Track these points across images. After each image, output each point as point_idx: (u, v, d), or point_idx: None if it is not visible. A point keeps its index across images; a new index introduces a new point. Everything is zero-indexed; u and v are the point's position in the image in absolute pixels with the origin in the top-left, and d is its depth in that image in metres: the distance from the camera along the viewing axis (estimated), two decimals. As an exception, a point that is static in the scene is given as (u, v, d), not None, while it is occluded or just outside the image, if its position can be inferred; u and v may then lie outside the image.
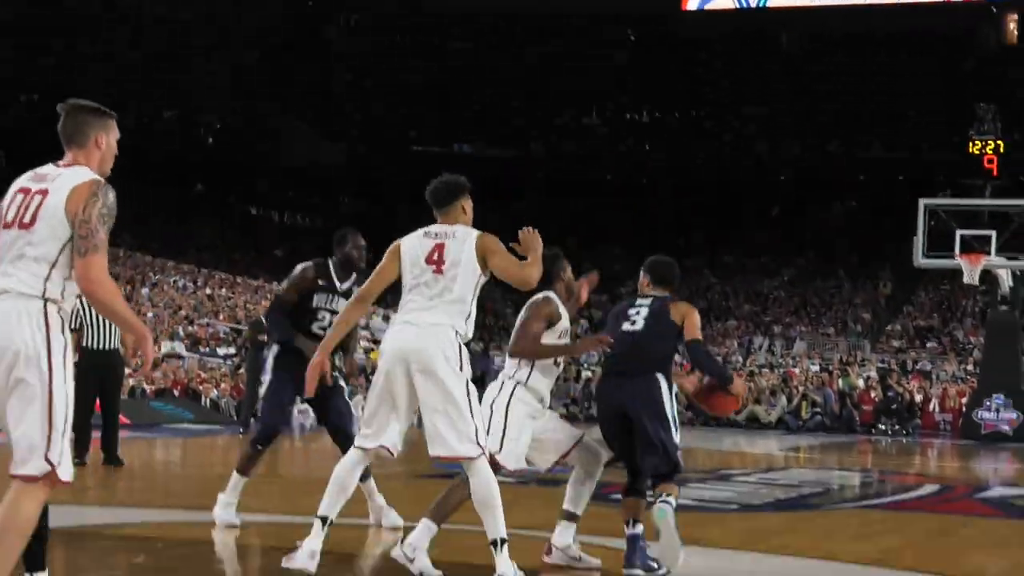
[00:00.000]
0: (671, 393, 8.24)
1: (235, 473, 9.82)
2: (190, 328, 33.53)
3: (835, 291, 56.59)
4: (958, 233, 30.57)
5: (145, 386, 27.59)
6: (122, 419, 24.83)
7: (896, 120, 61.64)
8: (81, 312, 14.75)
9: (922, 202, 31.53)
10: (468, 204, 7.69)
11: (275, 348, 10.21)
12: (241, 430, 23.49)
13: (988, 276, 30.94)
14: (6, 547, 5.46)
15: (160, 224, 59.25)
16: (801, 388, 32.86)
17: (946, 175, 49.10)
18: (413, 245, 7.56)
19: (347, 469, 7.56)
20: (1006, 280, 30.67)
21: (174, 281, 43.72)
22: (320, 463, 19.43)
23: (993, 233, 30.61)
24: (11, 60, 59.29)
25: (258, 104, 65.78)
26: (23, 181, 5.96)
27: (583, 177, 63.41)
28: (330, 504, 7.50)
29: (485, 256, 7.30)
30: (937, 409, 32.71)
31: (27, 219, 5.75)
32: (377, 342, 38.92)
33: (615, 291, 57.19)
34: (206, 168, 66.75)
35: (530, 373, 8.11)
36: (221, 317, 37.41)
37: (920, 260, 31.59)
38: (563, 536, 8.30)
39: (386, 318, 47.53)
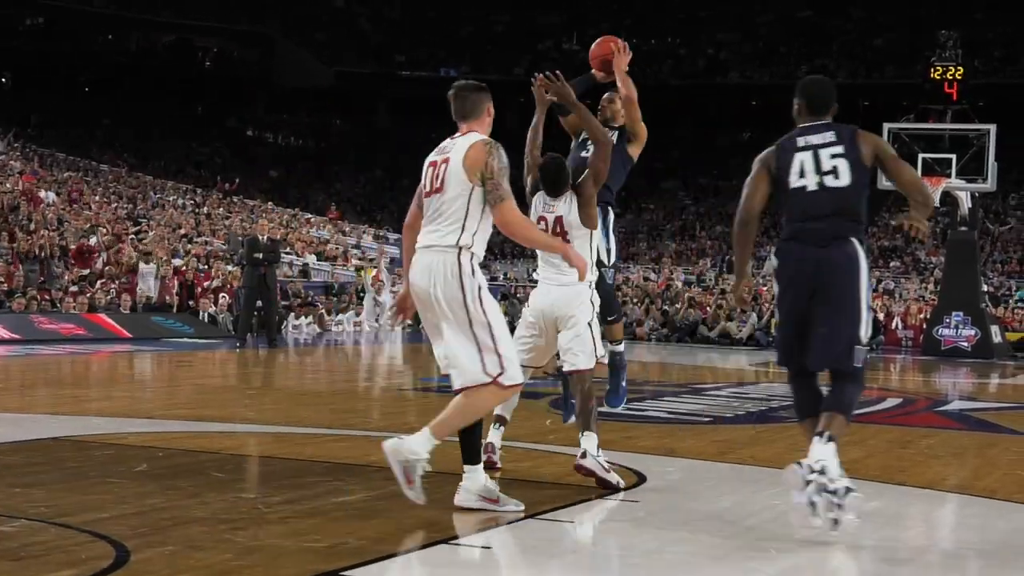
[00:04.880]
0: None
1: None
2: (189, 246, 33.40)
3: (803, 212, 56.53)
4: (920, 156, 30.51)
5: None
6: (124, 333, 25.00)
7: (861, 47, 61.55)
8: None
9: (886, 126, 31.43)
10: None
11: None
12: (238, 344, 23.45)
13: (948, 198, 30.91)
14: (455, 417, 6.76)
15: (160, 145, 58.99)
16: (771, 306, 32.82)
17: (909, 100, 49.09)
18: None
19: None
20: (965, 202, 30.66)
21: (172, 200, 43.55)
22: (313, 377, 19.47)
23: (953, 157, 30.58)
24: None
25: (253, 28, 65.38)
26: (432, 156, 6.96)
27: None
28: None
29: None
30: (900, 326, 32.76)
31: (437, 184, 6.79)
32: (369, 260, 38.86)
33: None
34: (205, 90, 66.43)
35: None
36: (219, 236, 37.29)
37: (884, 182, 31.47)
38: (496, 437, 8.46)
39: (376, 237, 47.49)
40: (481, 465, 7.10)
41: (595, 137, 8.24)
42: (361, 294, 33.63)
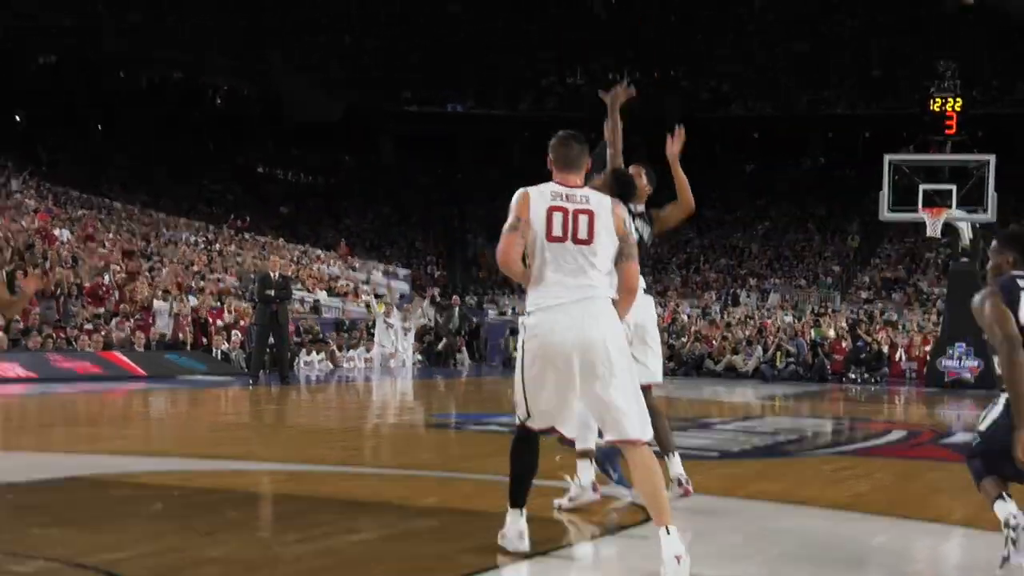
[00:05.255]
0: None
1: None
2: (202, 283, 33.46)
3: (806, 244, 56.61)
4: (921, 188, 30.58)
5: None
6: (138, 371, 25.03)
7: (860, 79, 61.72)
8: None
9: (887, 158, 31.51)
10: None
11: None
12: (251, 382, 23.42)
13: (950, 229, 30.96)
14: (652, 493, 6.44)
15: (172, 182, 59.10)
16: (775, 339, 32.78)
17: (908, 131, 49.21)
18: None
19: None
20: (966, 233, 30.66)
21: (185, 237, 43.64)
22: (325, 414, 19.49)
23: (954, 187, 30.64)
24: (31, 23, 59.01)
25: (261, 65, 65.58)
26: (552, 200, 6.66)
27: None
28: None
29: None
30: (904, 358, 32.52)
31: (583, 235, 6.61)
32: (378, 296, 38.91)
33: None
34: (215, 128, 66.63)
35: None
36: (231, 273, 37.34)
37: (886, 214, 31.61)
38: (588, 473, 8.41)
39: (385, 272, 47.53)
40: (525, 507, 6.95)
41: (615, 147, 9.22)
42: (372, 329, 33.64)
